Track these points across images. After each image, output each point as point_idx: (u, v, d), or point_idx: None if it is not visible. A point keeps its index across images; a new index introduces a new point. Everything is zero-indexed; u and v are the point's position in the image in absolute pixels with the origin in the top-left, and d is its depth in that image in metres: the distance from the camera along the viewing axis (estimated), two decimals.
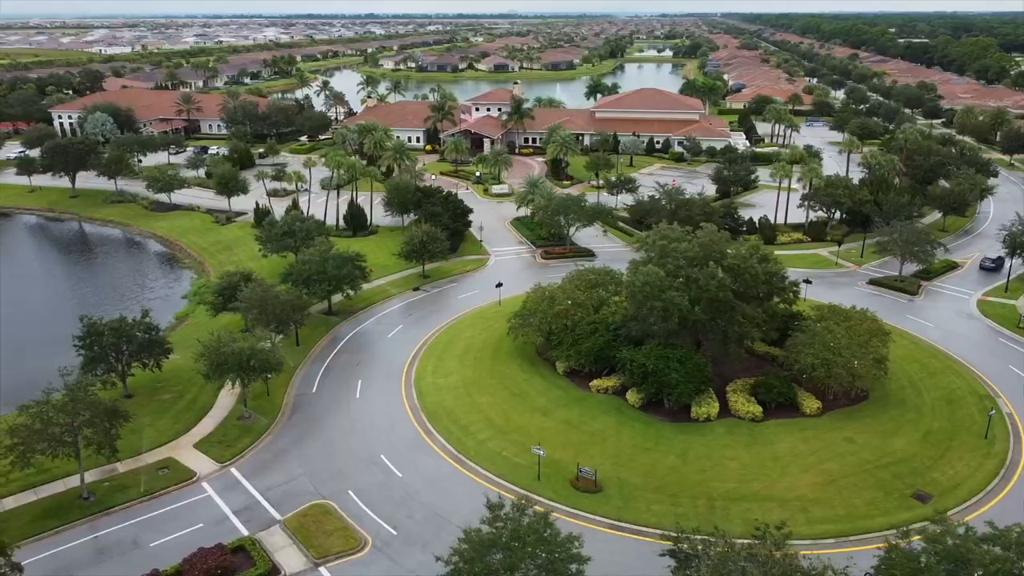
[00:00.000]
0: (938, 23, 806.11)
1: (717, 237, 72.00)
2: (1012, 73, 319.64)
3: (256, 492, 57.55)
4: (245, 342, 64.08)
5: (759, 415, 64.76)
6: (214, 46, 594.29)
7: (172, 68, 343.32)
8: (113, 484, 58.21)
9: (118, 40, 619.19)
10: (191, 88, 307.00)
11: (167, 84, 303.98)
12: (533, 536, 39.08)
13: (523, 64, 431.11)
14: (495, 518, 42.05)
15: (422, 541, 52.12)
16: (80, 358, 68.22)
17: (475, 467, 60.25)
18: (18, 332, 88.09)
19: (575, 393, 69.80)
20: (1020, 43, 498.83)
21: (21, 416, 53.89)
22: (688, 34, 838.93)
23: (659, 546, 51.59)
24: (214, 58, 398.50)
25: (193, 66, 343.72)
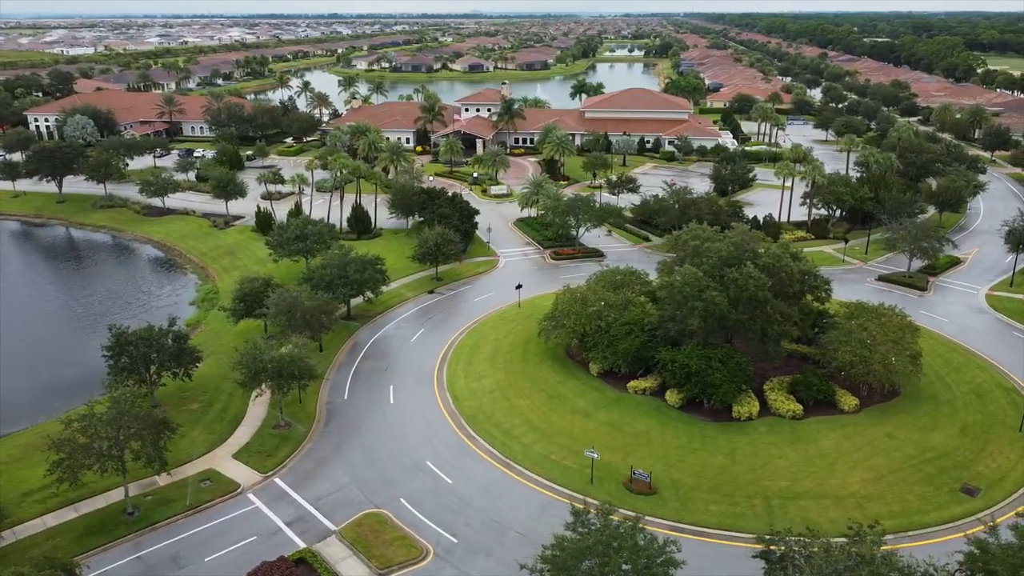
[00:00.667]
0: (898, 23, 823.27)
1: (749, 236, 72.42)
2: (979, 71, 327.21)
3: (305, 502, 56.41)
4: (283, 349, 62.76)
5: (800, 413, 65.19)
6: (180, 46, 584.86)
7: (142, 69, 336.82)
8: (156, 498, 56.65)
9: (79, 41, 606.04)
10: (163, 89, 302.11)
11: (139, 86, 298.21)
12: (629, 542, 38.67)
13: (498, 64, 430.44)
14: (580, 523, 41.56)
15: (485, 549, 51.51)
16: (106, 368, 66.63)
17: (524, 471, 59.74)
18: (29, 342, 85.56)
19: (612, 394, 69.62)
20: (980, 42, 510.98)
21: (66, 430, 52.04)
22: (655, 34, 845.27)
23: (721, 547, 52.08)
24: (183, 59, 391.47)
25: (164, 67, 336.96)
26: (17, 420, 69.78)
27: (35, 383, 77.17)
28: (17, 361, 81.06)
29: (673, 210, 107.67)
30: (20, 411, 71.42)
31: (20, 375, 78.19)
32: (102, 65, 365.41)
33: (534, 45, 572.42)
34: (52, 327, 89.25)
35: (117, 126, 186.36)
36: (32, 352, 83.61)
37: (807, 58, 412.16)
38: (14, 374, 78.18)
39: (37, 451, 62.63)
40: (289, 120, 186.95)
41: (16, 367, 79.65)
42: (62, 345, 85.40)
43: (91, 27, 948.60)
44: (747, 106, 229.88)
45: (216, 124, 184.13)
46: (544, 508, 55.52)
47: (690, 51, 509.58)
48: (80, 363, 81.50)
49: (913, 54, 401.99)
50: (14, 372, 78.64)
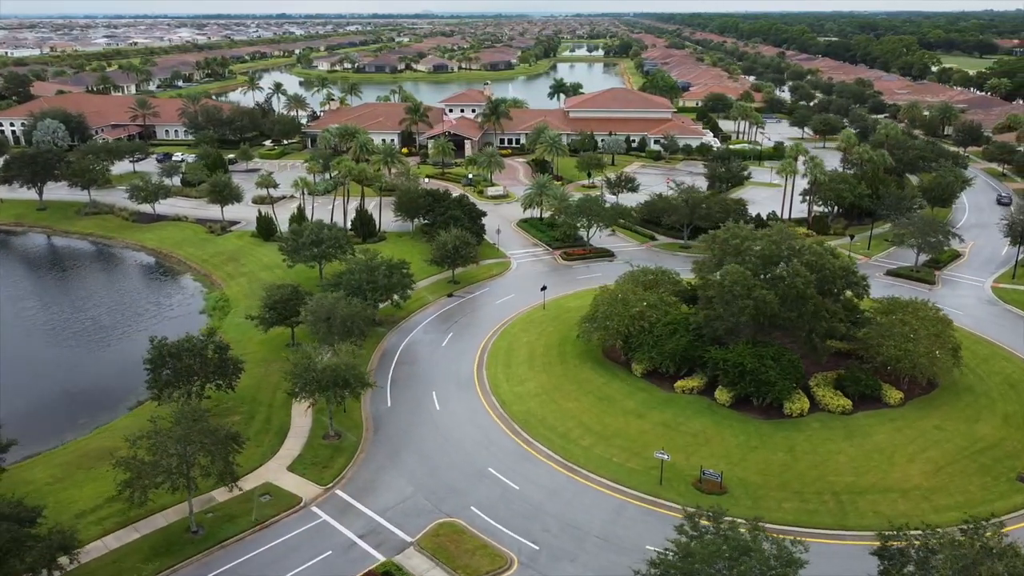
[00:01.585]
0: (844, 22, 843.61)
1: (787, 234, 73.20)
2: (934, 70, 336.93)
3: (374, 514, 55.16)
4: (336, 358, 61.38)
5: (849, 408, 66.05)
6: (130, 47, 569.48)
7: (99, 71, 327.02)
8: (218, 515, 54.83)
9: (22, 42, 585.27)
10: (123, 92, 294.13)
11: (98, 88, 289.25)
12: (757, 545, 38.55)
13: (462, 64, 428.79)
14: (693, 528, 41.37)
15: (568, 555, 51.00)
16: (145, 382, 64.41)
17: (590, 475, 59.37)
18: (43, 358, 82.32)
19: (659, 394, 69.67)
20: (927, 41, 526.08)
21: (133, 448, 49.99)
22: (610, 33, 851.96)
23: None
24: (139, 60, 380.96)
25: (122, 69, 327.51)
26: (44, 438, 66.78)
27: (56, 399, 74.15)
28: (34, 378, 77.81)
29: (683, 209, 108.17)
30: (45, 429, 68.45)
31: (39, 392, 75.03)
32: (55, 67, 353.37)
33: (494, 45, 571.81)
34: (63, 341, 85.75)
35: (89, 130, 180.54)
36: (48, 367, 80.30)
37: (767, 57, 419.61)
38: (33, 391, 74.97)
39: (78, 470, 60.64)
40: (270, 123, 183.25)
41: (34, 384, 76.43)
42: (78, 359, 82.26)
43: (31, 27, 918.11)
44: (720, 105, 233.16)
45: (194, 127, 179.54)
46: (618, 511, 55.26)
47: (650, 51, 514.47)
48: (100, 377, 78.87)
49: (868, 53, 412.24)
50: (33, 389, 75.43)
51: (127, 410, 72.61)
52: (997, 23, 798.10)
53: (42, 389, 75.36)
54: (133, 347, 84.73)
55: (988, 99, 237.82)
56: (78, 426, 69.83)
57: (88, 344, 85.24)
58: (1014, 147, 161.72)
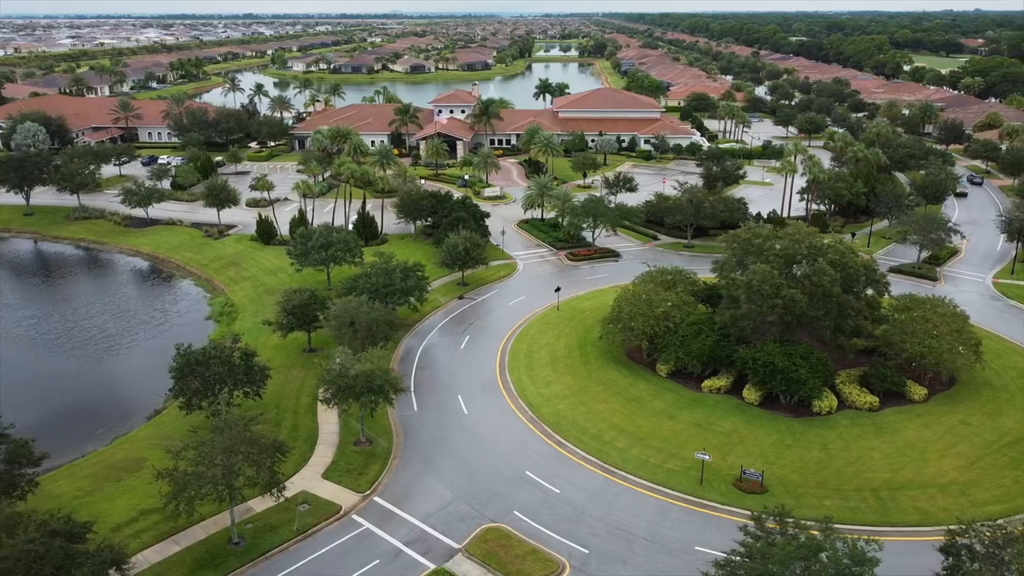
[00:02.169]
0: (812, 22, 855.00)
1: (806, 233, 73.77)
2: (906, 69, 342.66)
3: (416, 521, 54.50)
4: (370, 364, 60.58)
5: (876, 405, 66.74)
6: (96, 48, 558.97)
7: (69, 72, 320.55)
8: (258, 525, 53.80)
9: None
10: (97, 93, 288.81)
11: (70, 90, 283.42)
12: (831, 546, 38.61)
13: (438, 65, 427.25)
14: (761, 529, 41.40)
15: (619, 558, 50.82)
16: (170, 392, 63.15)
17: (629, 476, 59.26)
18: (53, 368, 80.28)
19: (687, 394, 69.83)
20: (895, 40, 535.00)
21: (177, 460, 48.83)
22: (582, 33, 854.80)
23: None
24: (109, 61, 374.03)
25: (95, 70, 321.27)
26: (63, 450, 64.93)
27: (71, 410, 72.35)
28: (45, 389, 75.81)
29: (687, 208, 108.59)
30: (62, 440, 66.69)
31: (52, 403, 73.04)
32: (24, 69, 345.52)
33: (468, 45, 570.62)
34: (70, 351, 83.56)
35: (69, 133, 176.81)
36: (57, 378, 78.31)
37: (741, 57, 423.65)
38: (45, 402, 72.97)
39: (106, 482, 59.21)
40: (257, 124, 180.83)
41: (45, 395, 74.42)
42: (88, 369, 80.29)
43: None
44: (703, 104, 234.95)
45: (179, 130, 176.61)
46: (662, 512, 55.22)
47: (625, 50, 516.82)
48: (112, 387, 77.16)
49: (841, 52, 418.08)
50: (45, 400, 73.43)
51: (144, 419, 71.08)
52: (959, 23, 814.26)
53: (55, 400, 73.45)
54: (143, 355, 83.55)
55: (965, 97, 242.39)
56: (96, 437, 68.22)
57: (97, 353, 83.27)
58: (997, 145, 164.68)
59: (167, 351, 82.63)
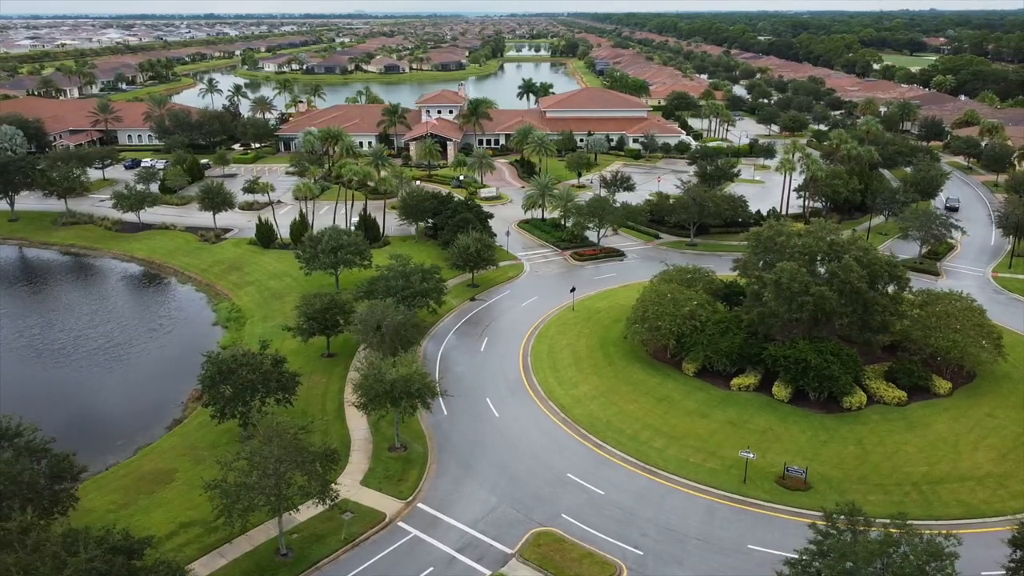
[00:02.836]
0: (777, 21, 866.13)
1: (828, 230, 74.39)
2: (877, 67, 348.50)
3: (465, 526, 53.87)
4: (406, 368, 59.76)
5: (904, 400, 67.48)
6: (57, 49, 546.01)
7: (35, 74, 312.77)
8: (303, 535, 52.74)
9: None
10: (66, 95, 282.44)
11: (39, 92, 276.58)
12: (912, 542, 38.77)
13: (413, 65, 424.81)
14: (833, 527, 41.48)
15: (674, 559, 50.67)
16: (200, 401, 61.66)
17: (671, 476, 59.18)
18: (66, 379, 78.12)
19: (717, 393, 69.98)
20: (861, 39, 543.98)
21: (228, 471, 47.60)
22: (551, 33, 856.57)
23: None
24: (73, 62, 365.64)
25: (62, 71, 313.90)
26: (84, 462, 62.71)
27: (87, 421, 70.31)
28: (58, 400, 73.60)
29: (692, 207, 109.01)
30: (82, 452, 63.92)
31: (67, 414, 70.78)
32: None
33: (439, 46, 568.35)
34: (78, 361, 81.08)
35: (47, 136, 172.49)
36: (68, 389, 76.18)
37: (714, 56, 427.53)
38: (60, 414, 70.53)
39: (139, 495, 57.80)
40: (242, 126, 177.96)
41: (59, 406, 72.16)
42: (98, 379, 78.14)
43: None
44: (685, 103, 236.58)
45: (162, 132, 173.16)
46: (711, 512, 55.22)
47: (597, 50, 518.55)
48: (126, 396, 75.09)
49: (811, 51, 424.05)
50: (59, 411, 71.07)
51: (165, 429, 69.47)
52: (918, 22, 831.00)
53: (69, 412, 71.23)
54: (154, 363, 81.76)
55: (938, 95, 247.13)
56: (117, 448, 66.43)
57: (107, 362, 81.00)
58: (978, 141, 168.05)
59: (178, 358, 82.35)
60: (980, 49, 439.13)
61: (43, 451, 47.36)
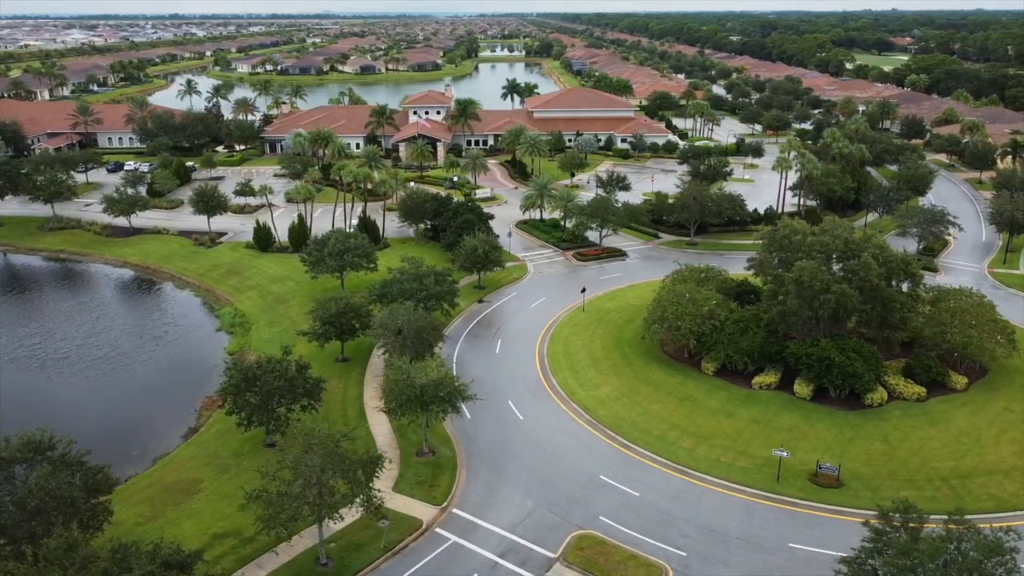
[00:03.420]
0: (745, 22, 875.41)
1: (844, 228, 75.03)
2: (850, 67, 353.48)
3: (503, 531, 53.37)
4: (436, 372, 59.11)
5: (923, 395, 68.23)
6: (20, 50, 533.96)
7: (3, 75, 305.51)
8: (341, 544, 51.85)
9: None
10: (37, 97, 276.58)
11: (9, 93, 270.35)
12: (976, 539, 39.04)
13: (389, 65, 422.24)
14: (889, 525, 41.69)
15: (718, 559, 50.63)
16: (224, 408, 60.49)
17: (704, 476, 59.18)
18: (79, 389, 76.22)
19: (738, 392, 70.19)
20: (831, 39, 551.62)
21: (271, 482, 46.63)
22: (522, 33, 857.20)
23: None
24: (39, 64, 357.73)
25: (32, 73, 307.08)
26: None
27: (98, 432, 68.24)
28: (67, 411, 71.73)
29: (694, 206, 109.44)
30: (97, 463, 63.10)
31: (77, 425, 68.51)
32: None
33: (413, 46, 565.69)
34: (84, 371, 78.97)
35: (25, 139, 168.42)
36: (77, 399, 74.31)
37: (689, 56, 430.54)
38: (69, 425, 68.31)
39: (165, 506, 56.61)
40: (228, 128, 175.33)
41: (68, 417, 70.20)
42: (106, 388, 76.34)
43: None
44: (667, 103, 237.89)
45: (145, 135, 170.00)
46: (748, 511, 55.29)
47: (571, 50, 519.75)
48: (137, 405, 73.45)
49: (784, 51, 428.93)
50: (68, 423, 68.96)
51: (181, 438, 68.05)
52: (882, 22, 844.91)
53: (79, 422, 69.07)
54: (162, 371, 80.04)
55: (914, 94, 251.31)
56: (133, 459, 64.90)
57: (113, 371, 79.15)
58: (959, 139, 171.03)
59: (186, 366, 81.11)
60: (947, 48, 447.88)
61: (78, 464, 45.91)
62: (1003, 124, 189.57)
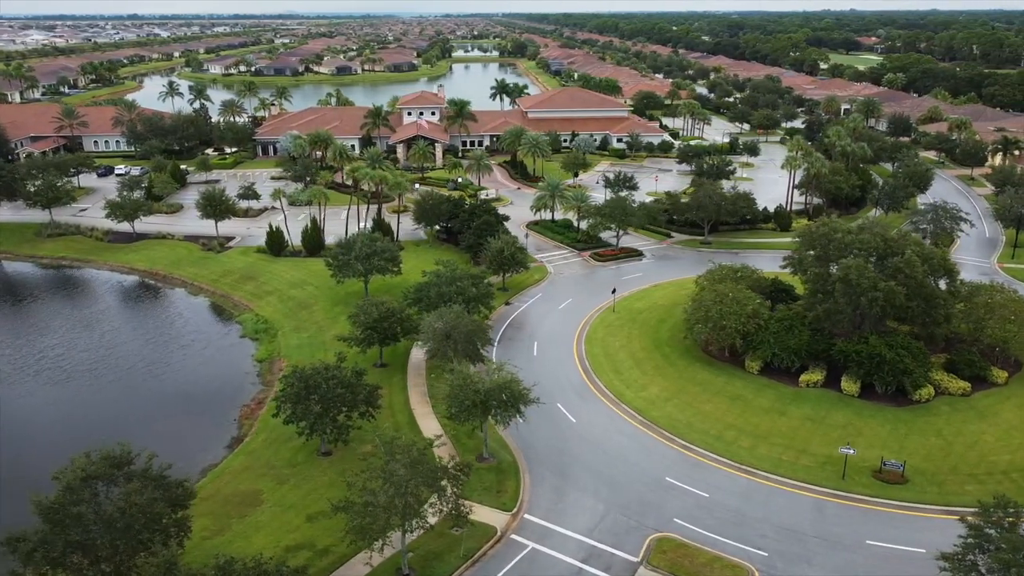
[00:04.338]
0: (712, 21, 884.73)
1: (882, 227, 75.77)
2: (824, 66, 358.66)
3: (580, 536, 52.86)
4: (500, 376, 58.41)
5: (968, 390, 69.14)
6: None
7: None
8: (419, 554, 50.94)
9: None
10: (7, 99, 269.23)
11: None
12: None
13: (365, 66, 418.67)
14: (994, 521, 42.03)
15: (801, 558, 50.65)
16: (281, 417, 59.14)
17: (769, 475, 59.24)
18: (98, 400, 74.02)
19: (786, 390, 70.47)
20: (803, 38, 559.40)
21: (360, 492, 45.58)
22: (492, 33, 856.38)
23: None
24: (5, 65, 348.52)
25: (2, 75, 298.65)
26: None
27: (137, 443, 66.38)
28: (102, 423, 69.70)
29: (710, 206, 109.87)
30: None
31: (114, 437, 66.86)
32: None
33: (386, 46, 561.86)
34: (116, 381, 76.83)
35: (8, 144, 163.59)
36: (111, 410, 72.21)
37: (665, 56, 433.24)
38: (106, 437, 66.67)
39: (229, 519, 55.22)
40: (220, 131, 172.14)
41: (104, 429, 68.22)
42: (141, 398, 74.24)
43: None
44: (653, 103, 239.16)
45: (135, 138, 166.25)
46: (819, 509, 55.46)
47: (545, 50, 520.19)
48: (174, 415, 71.53)
49: (758, 51, 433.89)
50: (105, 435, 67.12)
51: (225, 449, 66.52)
52: (846, 22, 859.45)
53: (116, 435, 66.58)
54: (193, 380, 78.25)
55: (894, 93, 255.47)
56: (178, 471, 62.30)
57: (145, 382, 76.99)
58: (948, 137, 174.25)
59: (216, 374, 79.61)
60: (914, 48, 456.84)
61: (160, 478, 44.45)
62: (986, 121, 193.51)
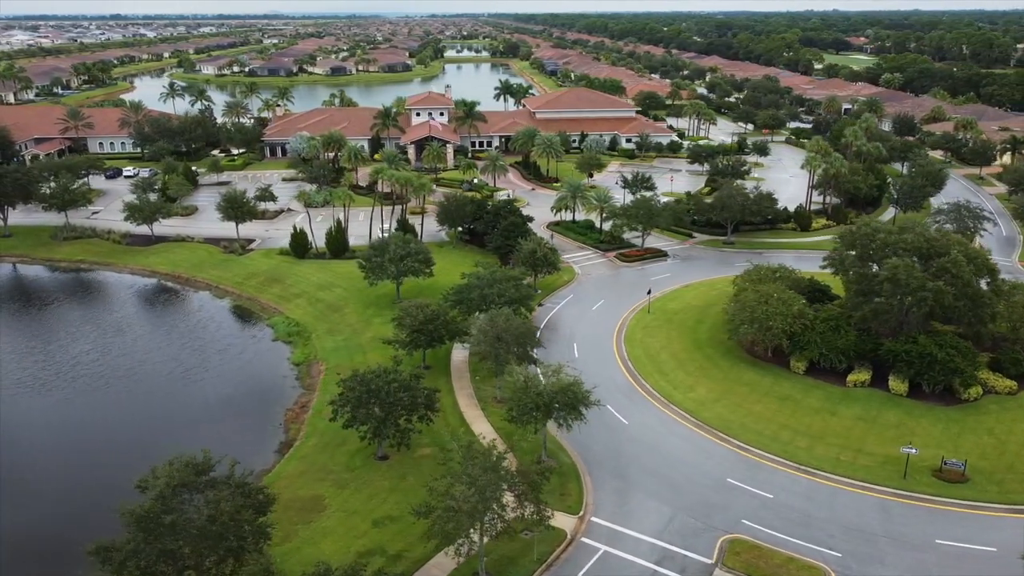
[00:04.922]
0: (700, 22, 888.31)
1: (923, 227, 76.17)
2: (819, 67, 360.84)
3: (651, 539, 52.76)
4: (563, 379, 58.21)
5: (1015, 388, 69.64)
6: None
7: None
8: (492, 558, 50.57)
9: None
10: (1, 101, 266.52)
11: None
12: None
13: (360, 67, 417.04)
14: None
15: (874, 558, 50.77)
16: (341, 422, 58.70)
17: (830, 476, 59.36)
18: (141, 406, 73.17)
19: (834, 390, 70.68)
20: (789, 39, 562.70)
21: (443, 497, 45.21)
22: (480, 34, 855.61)
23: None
24: (4, 66, 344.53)
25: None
26: None
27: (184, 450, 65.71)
28: (146, 430, 68.97)
29: (735, 206, 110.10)
30: None
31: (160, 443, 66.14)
32: None
33: (377, 47, 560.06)
34: (157, 387, 75.85)
35: (14, 146, 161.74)
36: (154, 416, 71.40)
37: (659, 56, 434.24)
38: (152, 443, 65.99)
39: (294, 525, 54.70)
40: (228, 132, 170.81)
41: (150, 436, 67.65)
42: (184, 404, 73.45)
43: None
44: (656, 103, 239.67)
45: (142, 139, 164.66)
46: (884, 509, 55.63)
47: (538, 51, 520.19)
48: (220, 420, 70.85)
49: (751, 51, 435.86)
50: (150, 441, 66.56)
51: (275, 454, 65.93)
52: (831, 22, 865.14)
53: (161, 441, 66.09)
54: (233, 384, 77.42)
55: (893, 93, 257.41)
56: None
57: (186, 388, 76.07)
58: (955, 136, 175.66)
59: (255, 377, 78.81)
60: (903, 48, 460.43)
61: (244, 484, 43.92)
62: (989, 121, 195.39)
